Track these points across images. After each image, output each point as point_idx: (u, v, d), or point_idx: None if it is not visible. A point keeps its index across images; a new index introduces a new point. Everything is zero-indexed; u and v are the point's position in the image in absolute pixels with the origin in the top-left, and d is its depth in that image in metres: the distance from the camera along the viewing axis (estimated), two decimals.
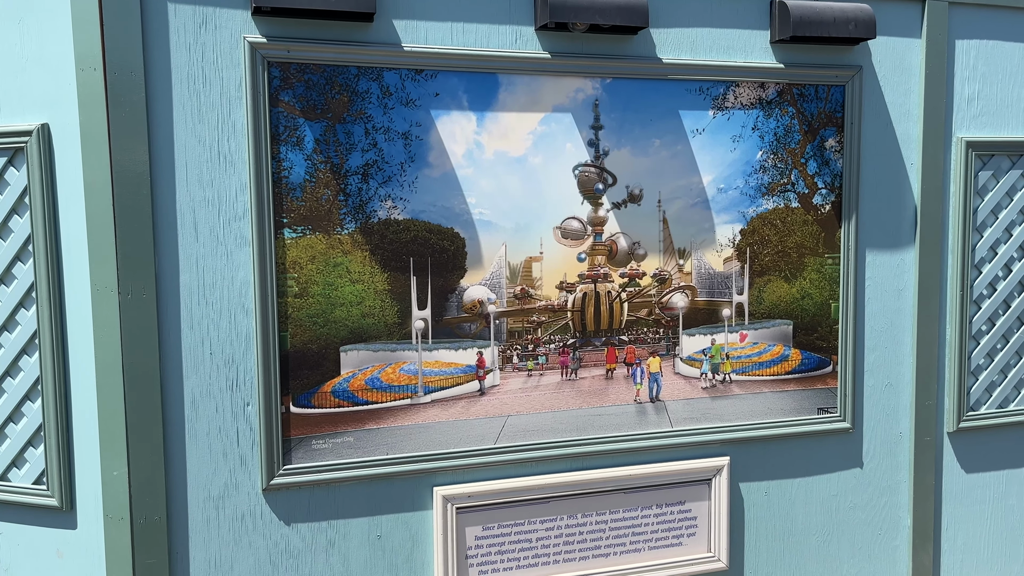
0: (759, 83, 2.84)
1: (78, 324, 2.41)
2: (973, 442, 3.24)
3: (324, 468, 2.54)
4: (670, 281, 2.86)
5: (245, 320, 2.46)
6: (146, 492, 2.40)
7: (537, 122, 2.65)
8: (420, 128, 2.55)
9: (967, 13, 3.06)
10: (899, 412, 3.13)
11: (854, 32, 2.78)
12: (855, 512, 3.13)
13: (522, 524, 2.75)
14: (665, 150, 2.77)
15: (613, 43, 2.68)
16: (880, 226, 3.04)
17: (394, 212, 2.55)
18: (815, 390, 3.02)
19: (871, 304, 3.05)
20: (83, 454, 2.45)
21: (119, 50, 2.28)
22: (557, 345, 2.77)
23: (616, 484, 2.82)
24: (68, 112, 2.34)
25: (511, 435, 2.72)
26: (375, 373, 2.59)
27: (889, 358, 3.10)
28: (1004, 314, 3.21)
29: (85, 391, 2.43)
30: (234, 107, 2.40)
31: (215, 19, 2.37)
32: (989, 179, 3.14)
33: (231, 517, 2.50)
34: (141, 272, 2.35)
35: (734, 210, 2.87)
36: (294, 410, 2.51)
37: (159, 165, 2.35)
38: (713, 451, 2.93)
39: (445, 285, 2.63)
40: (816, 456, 3.06)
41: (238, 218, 2.43)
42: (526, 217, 2.68)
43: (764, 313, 2.95)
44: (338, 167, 2.49)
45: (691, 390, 2.90)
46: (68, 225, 2.39)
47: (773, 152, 2.89)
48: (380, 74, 2.50)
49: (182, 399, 2.43)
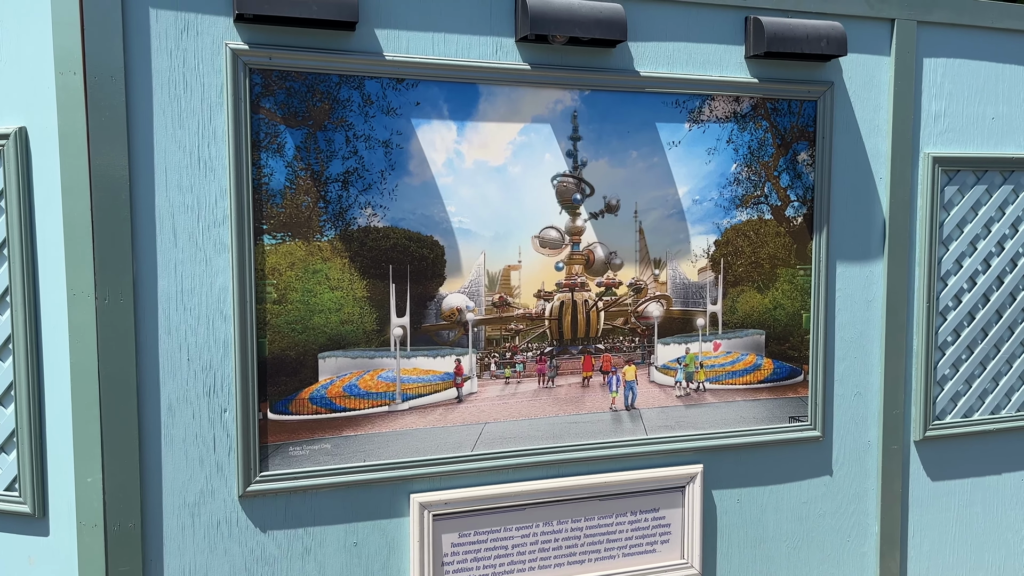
0: (734, 97, 2.89)
1: (53, 329, 2.39)
2: (939, 451, 3.32)
3: (301, 475, 2.54)
4: (646, 291, 2.90)
5: (223, 326, 2.45)
6: (120, 499, 2.38)
7: (516, 132, 2.68)
8: (401, 136, 2.57)
9: (935, 32, 3.15)
10: (868, 421, 3.20)
11: (826, 49, 2.85)
12: (824, 519, 3.19)
13: (498, 531, 2.77)
14: (642, 161, 2.82)
15: (592, 56, 2.72)
16: (850, 238, 3.11)
17: (374, 220, 2.57)
18: (787, 399, 3.08)
19: (841, 315, 3.12)
20: (56, 460, 2.43)
21: (99, 54, 2.28)
22: (534, 353, 2.80)
23: (591, 491, 2.84)
24: (47, 115, 2.33)
25: (488, 442, 2.74)
26: (353, 380, 2.59)
27: (858, 368, 3.16)
28: (969, 326, 3.30)
29: (59, 396, 2.40)
30: (215, 113, 2.40)
31: (197, 25, 2.37)
32: (955, 194, 3.22)
33: (207, 524, 2.49)
34: (118, 277, 2.33)
35: (709, 221, 2.92)
36: (271, 416, 2.51)
37: (138, 170, 2.35)
38: (687, 459, 2.97)
39: (424, 292, 2.64)
40: (787, 464, 3.12)
41: (217, 224, 2.43)
42: (505, 226, 2.70)
43: (737, 323, 3.00)
44: (318, 174, 2.50)
45: (666, 398, 2.94)
46: (44, 229, 2.38)
47: (747, 165, 2.94)
48: (361, 82, 2.51)
49: (158, 405, 2.42)
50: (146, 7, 2.32)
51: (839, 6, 2.98)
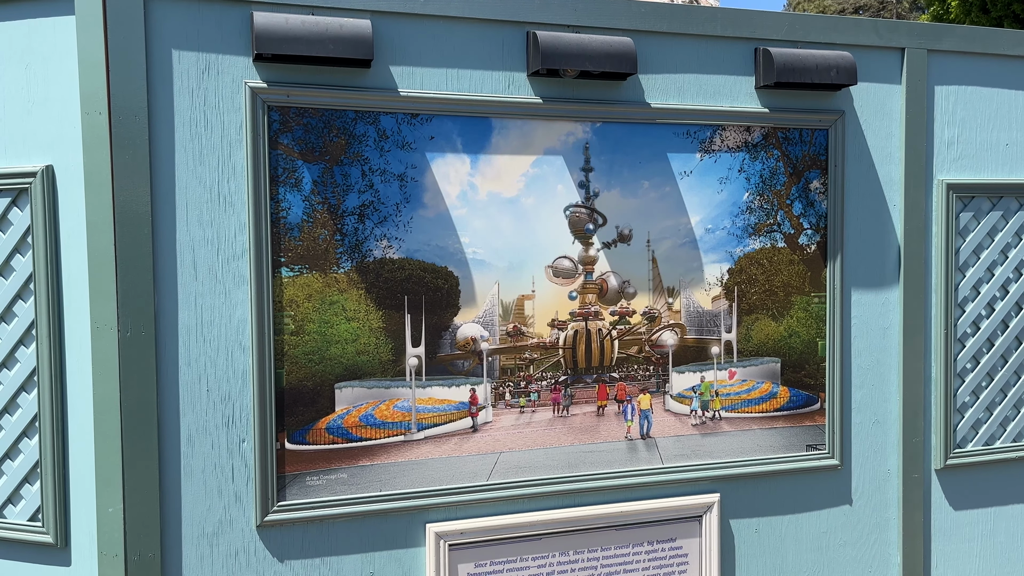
0: (745, 127, 2.92)
1: (77, 361, 2.45)
2: (960, 479, 3.28)
3: (318, 504, 2.56)
4: (659, 319, 2.91)
5: (242, 357, 2.50)
6: (141, 529, 2.41)
7: (529, 164, 2.73)
8: (415, 170, 2.62)
9: (945, 60, 3.16)
10: (887, 449, 3.17)
11: (836, 79, 2.87)
12: (845, 549, 3.15)
13: (515, 561, 2.77)
14: (654, 191, 2.85)
15: (603, 88, 2.77)
16: (865, 266, 3.10)
17: (389, 251, 2.61)
18: (803, 427, 3.06)
19: (857, 342, 3.11)
20: (79, 491, 2.47)
21: (124, 94, 2.35)
22: (549, 382, 2.81)
23: (608, 521, 2.84)
24: (72, 154, 2.41)
25: (504, 471, 2.75)
26: (369, 410, 2.62)
27: (876, 395, 3.15)
28: (988, 352, 3.27)
29: (82, 428, 2.45)
30: (234, 150, 2.46)
31: (218, 65, 2.44)
32: (970, 220, 3.22)
33: (225, 554, 2.52)
34: (140, 310, 2.39)
35: (721, 250, 2.94)
36: (289, 447, 2.54)
37: (160, 206, 2.41)
38: (703, 488, 2.95)
39: (439, 323, 2.67)
40: (805, 493, 3.09)
41: (236, 257, 2.48)
42: (518, 256, 2.74)
43: (752, 351, 3.00)
44: (335, 207, 2.55)
45: (681, 427, 2.94)
46: (69, 264, 2.44)
47: (759, 194, 2.96)
48: (377, 118, 2.57)
49: (178, 436, 2.46)
50: (169, 48, 2.40)
51: (849, 36, 3.01)
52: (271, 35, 2.37)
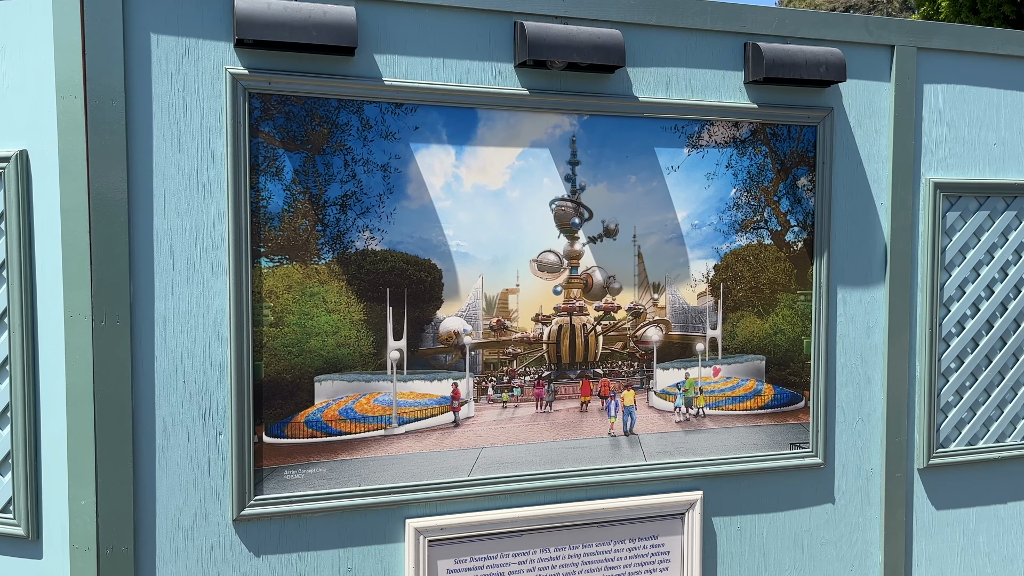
0: (733, 122, 2.90)
1: (50, 351, 2.40)
2: (943, 479, 3.28)
3: (296, 499, 2.53)
4: (645, 315, 2.89)
5: (220, 349, 2.45)
6: (114, 522, 2.37)
7: (515, 157, 2.69)
8: (399, 160, 2.58)
9: (935, 58, 3.15)
10: (870, 448, 3.16)
11: (825, 75, 2.85)
12: (827, 548, 3.14)
13: (495, 557, 2.74)
14: (641, 186, 2.82)
15: (591, 81, 2.74)
16: (851, 264, 3.09)
17: (372, 243, 2.57)
18: (787, 425, 3.05)
19: (842, 340, 3.10)
20: (51, 483, 2.42)
21: (100, 78, 2.30)
22: (532, 377, 2.79)
23: (590, 518, 2.82)
24: (47, 139, 2.35)
25: (485, 467, 2.72)
26: (349, 403, 2.59)
27: (860, 394, 3.13)
28: (972, 352, 3.27)
29: (55, 418, 2.40)
30: (214, 136, 2.42)
31: (198, 50, 2.39)
32: (957, 219, 3.21)
33: (200, 548, 2.48)
34: (116, 299, 2.34)
35: (708, 246, 2.91)
36: (267, 440, 2.50)
37: (137, 193, 2.36)
38: (686, 485, 2.94)
39: (421, 316, 2.64)
40: (788, 491, 3.08)
41: (215, 247, 2.44)
42: (503, 250, 2.70)
43: (737, 348, 2.98)
44: (317, 198, 2.51)
45: (665, 424, 2.92)
46: (43, 251, 2.39)
47: (747, 190, 2.94)
48: (360, 107, 2.53)
49: (153, 427, 2.41)
50: (147, 32, 2.35)
51: (838, 32, 2.99)
52: (252, 20, 2.32)
